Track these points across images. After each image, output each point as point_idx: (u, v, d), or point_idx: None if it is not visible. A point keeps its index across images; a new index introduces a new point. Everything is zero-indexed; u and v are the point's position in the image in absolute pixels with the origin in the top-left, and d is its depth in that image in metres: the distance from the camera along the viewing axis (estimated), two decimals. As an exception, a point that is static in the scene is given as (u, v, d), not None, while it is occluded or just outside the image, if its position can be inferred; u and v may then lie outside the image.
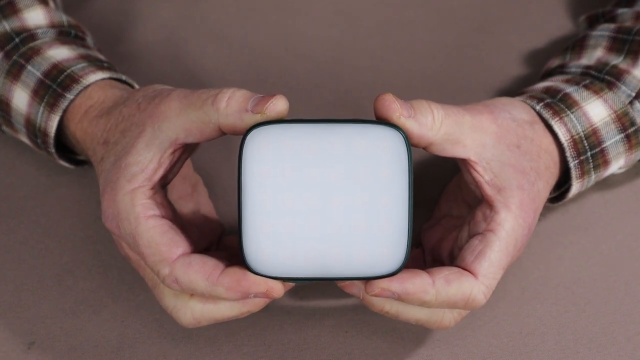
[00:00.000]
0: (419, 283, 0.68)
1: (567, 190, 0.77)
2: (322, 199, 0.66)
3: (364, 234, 0.66)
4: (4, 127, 0.81)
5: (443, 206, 0.79)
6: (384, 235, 0.66)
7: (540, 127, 0.75)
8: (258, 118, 0.66)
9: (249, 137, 0.66)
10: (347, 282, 0.69)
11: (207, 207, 0.79)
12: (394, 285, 0.67)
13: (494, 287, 0.70)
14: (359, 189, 0.66)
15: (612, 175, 0.82)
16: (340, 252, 0.66)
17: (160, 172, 0.69)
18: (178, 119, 0.68)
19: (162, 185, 0.70)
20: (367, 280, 0.67)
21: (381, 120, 0.67)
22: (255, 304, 0.69)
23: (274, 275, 0.67)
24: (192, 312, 0.69)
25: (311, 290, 0.77)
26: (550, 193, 0.78)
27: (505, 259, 0.70)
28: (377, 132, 0.66)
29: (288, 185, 0.66)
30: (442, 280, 0.68)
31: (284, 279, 0.67)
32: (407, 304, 0.70)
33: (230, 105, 0.67)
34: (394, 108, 0.67)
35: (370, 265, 0.66)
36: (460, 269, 0.69)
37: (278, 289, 0.67)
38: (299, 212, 0.66)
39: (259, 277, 0.67)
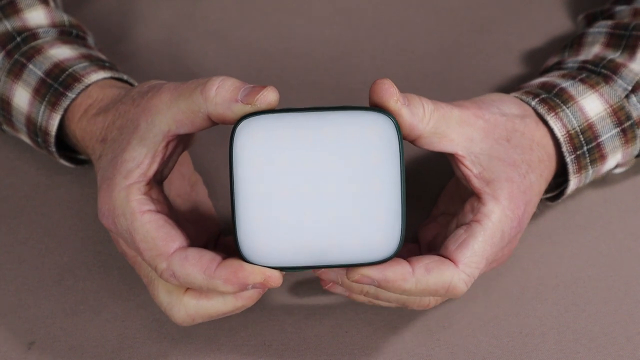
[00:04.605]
0: (399, 271, 0.68)
1: (566, 186, 0.77)
2: (315, 187, 0.66)
3: (358, 220, 0.66)
4: (5, 126, 0.81)
5: (440, 205, 0.79)
6: (377, 222, 0.66)
7: (532, 120, 0.75)
8: (248, 109, 0.66)
9: (239, 127, 0.66)
10: (324, 269, 0.69)
11: (205, 206, 0.79)
12: (373, 272, 0.67)
13: (476, 276, 0.70)
14: (351, 175, 0.66)
15: (612, 175, 0.82)
16: (334, 240, 0.66)
17: (154, 167, 0.69)
18: (169, 111, 0.68)
19: (159, 181, 0.70)
20: (361, 266, 0.67)
21: (372, 106, 0.67)
22: (249, 298, 0.69)
23: (269, 264, 0.66)
24: (186, 308, 0.69)
25: (311, 290, 0.77)
26: (549, 191, 0.78)
27: (489, 249, 0.70)
28: (367, 118, 0.66)
29: (280, 174, 0.66)
30: (422, 268, 0.68)
31: (279, 268, 0.67)
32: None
33: (220, 94, 0.67)
34: (393, 92, 0.67)
35: (365, 251, 0.66)
36: (440, 257, 0.69)
37: (276, 278, 0.67)
38: (292, 201, 0.66)
39: (256, 266, 0.66)
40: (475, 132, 0.71)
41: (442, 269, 0.69)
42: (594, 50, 0.80)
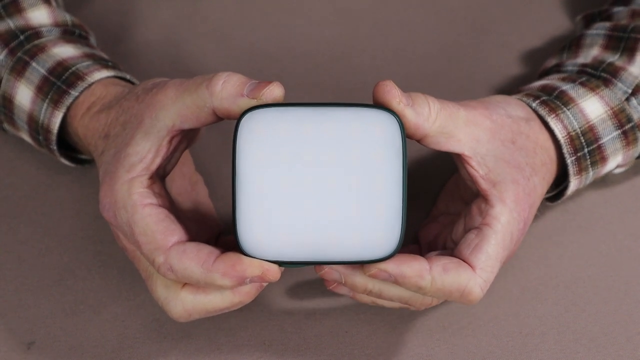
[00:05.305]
0: (416, 267, 0.67)
1: (566, 187, 0.77)
2: (317, 182, 0.66)
3: (358, 217, 0.66)
4: (5, 125, 0.81)
5: (440, 204, 0.79)
6: (377, 220, 0.66)
7: (536, 123, 0.75)
8: (254, 103, 0.66)
9: (243, 119, 0.66)
10: (327, 269, 0.69)
11: (205, 206, 0.79)
12: (390, 266, 0.67)
13: (491, 281, 0.70)
14: (353, 172, 0.66)
15: (612, 175, 0.82)
16: (334, 236, 0.66)
17: (158, 161, 0.69)
18: (174, 106, 0.68)
19: (161, 177, 0.70)
20: (360, 264, 0.67)
21: (377, 104, 0.67)
22: (247, 294, 0.69)
23: (267, 258, 0.66)
24: (183, 303, 0.69)
25: (311, 290, 0.77)
26: (549, 191, 0.79)
27: (502, 252, 0.70)
28: (372, 115, 0.66)
29: (282, 168, 0.66)
30: (440, 267, 0.68)
31: (278, 263, 0.67)
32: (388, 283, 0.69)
33: (226, 89, 0.67)
34: (395, 94, 0.67)
35: (364, 249, 0.66)
36: (459, 260, 0.69)
37: (274, 271, 0.67)
38: (293, 195, 0.66)
39: (254, 259, 0.66)
40: (482, 133, 0.71)
41: (460, 271, 0.69)
42: (592, 52, 0.80)
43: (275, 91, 0.66)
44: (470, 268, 0.69)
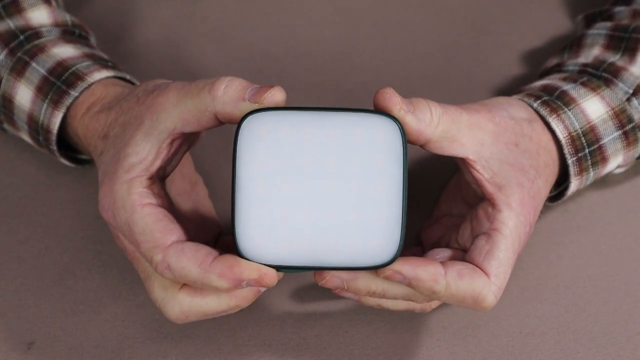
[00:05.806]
0: (431, 271, 0.67)
1: (566, 188, 0.77)
2: (316, 187, 0.66)
3: (358, 223, 0.66)
4: (5, 125, 0.81)
5: (442, 206, 0.79)
6: (377, 226, 0.66)
7: (538, 125, 0.75)
8: (255, 107, 0.66)
9: (244, 123, 0.66)
10: (328, 277, 0.69)
11: (205, 207, 0.79)
12: (405, 268, 0.67)
13: (504, 287, 0.70)
14: (353, 177, 0.66)
15: (612, 175, 0.82)
16: (334, 241, 0.66)
17: (158, 163, 0.69)
18: (175, 109, 0.68)
19: (161, 178, 0.70)
20: (358, 270, 0.67)
21: (378, 110, 0.67)
22: (244, 298, 0.69)
23: (265, 262, 0.66)
24: (180, 305, 0.69)
25: (311, 290, 0.77)
26: (550, 191, 0.78)
27: (512, 257, 0.70)
28: (373, 121, 0.66)
29: (282, 171, 0.66)
30: (455, 273, 0.68)
31: (275, 267, 0.67)
32: (393, 282, 0.69)
33: (228, 93, 0.67)
34: (395, 101, 0.67)
35: (363, 255, 0.66)
36: (474, 266, 0.69)
37: (271, 276, 0.67)
38: (293, 199, 0.66)
39: (251, 262, 0.66)
40: (485, 136, 0.71)
41: (474, 277, 0.68)
42: (593, 52, 0.80)
43: (276, 95, 0.66)
44: (485, 275, 0.69)
